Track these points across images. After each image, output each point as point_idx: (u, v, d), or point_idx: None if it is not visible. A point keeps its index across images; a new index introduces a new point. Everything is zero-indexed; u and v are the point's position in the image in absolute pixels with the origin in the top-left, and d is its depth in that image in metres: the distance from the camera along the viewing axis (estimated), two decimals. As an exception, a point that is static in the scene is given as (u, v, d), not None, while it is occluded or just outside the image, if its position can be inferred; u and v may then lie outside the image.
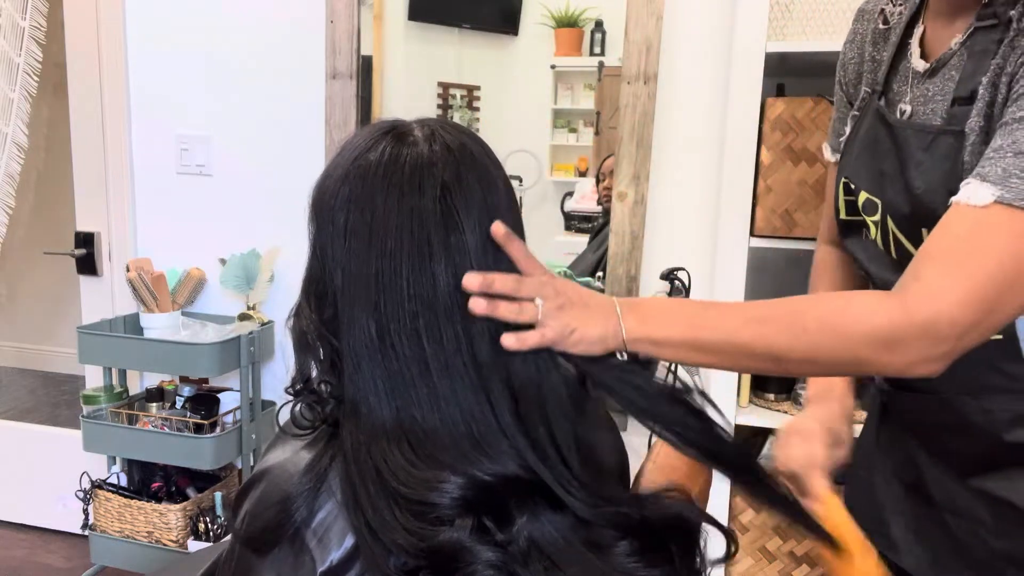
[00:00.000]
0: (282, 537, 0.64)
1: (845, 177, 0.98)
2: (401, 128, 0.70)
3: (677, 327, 0.74)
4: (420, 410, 0.64)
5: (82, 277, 2.36)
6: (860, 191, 0.95)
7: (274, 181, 2.16)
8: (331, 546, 0.63)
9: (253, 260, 2.14)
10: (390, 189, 0.66)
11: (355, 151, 0.69)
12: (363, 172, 0.67)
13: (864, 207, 0.95)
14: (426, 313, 0.65)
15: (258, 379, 2.11)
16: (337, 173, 0.69)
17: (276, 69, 2.12)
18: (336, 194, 0.68)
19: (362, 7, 2.03)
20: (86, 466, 2.23)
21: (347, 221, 0.67)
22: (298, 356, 0.71)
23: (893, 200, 0.90)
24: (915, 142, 0.87)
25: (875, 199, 0.93)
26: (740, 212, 1.60)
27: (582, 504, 0.65)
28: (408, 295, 0.65)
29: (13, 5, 2.16)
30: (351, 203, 0.67)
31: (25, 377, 3.91)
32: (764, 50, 1.53)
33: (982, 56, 0.81)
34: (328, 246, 0.68)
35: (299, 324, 0.70)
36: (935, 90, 0.87)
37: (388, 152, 0.67)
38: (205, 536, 2.04)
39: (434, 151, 0.67)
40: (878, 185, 0.92)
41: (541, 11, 2.04)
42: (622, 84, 1.83)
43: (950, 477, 0.93)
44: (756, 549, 1.66)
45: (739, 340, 0.74)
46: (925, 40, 0.92)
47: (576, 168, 2.15)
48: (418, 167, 0.66)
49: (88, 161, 2.30)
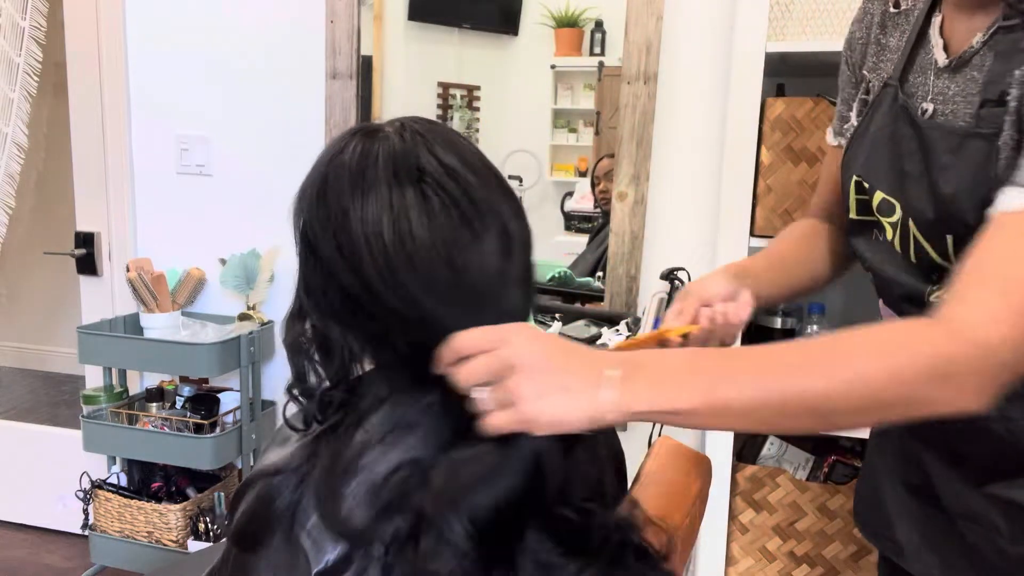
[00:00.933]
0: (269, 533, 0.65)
1: (857, 175, 0.93)
2: (370, 127, 0.71)
3: (694, 392, 0.61)
4: None
5: (82, 277, 2.36)
6: (875, 191, 0.90)
7: (274, 181, 2.16)
8: (326, 547, 0.63)
9: (253, 260, 2.14)
10: (367, 182, 0.66)
11: (325, 158, 0.70)
12: (337, 170, 0.68)
13: (880, 208, 0.90)
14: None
15: (258, 379, 2.11)
16: (315, 179, 0.69)
17: (276, 69, 2.12)
18: (319, 199, 0.68)
19: (362, 7, 2.03)
20: (86, 466, 2.23)
21: (332, 221, 0.67)
22: (294, 359, 0.71)
23: (916, 203, 0.84)
24: (942, 144, 0.82)
25: (893, 200, 0.88)
26: (740, 212, 1.60)
27: None
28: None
29: (13, 5, 2.16)
30: (330, 204, 0.67)
31: (25, 377, 3.91)
32: (764, 50, 1.53)
33: (1008, 57, 0.77)
34: (321, 252, 0.68)
35: (297, 330, 0.71)
36: (956, 89, 0.83)
37: (360, 148, 0.68)
38: (205, 536, 2.04)
39: (404, 139, 0.68)
40: (898, 186, 0.87)
41: (541, 11, 2.04)
42: (622, 84, 1.83)
43: (962, 482, 0.90)
44: (756, 549, 1.66)
45: (773, 394, 0.62)
46: (944, 31, 0.87)
47: (576, 168, 2.15)
48: (391, 156, 0.67)
49: (88, 161, 2.30)
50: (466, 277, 0.65)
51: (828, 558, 1.62)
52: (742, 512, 1.66)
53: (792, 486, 1.63)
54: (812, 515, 1.62)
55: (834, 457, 1.67)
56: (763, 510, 1.65)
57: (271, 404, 2.21)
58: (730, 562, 1.68)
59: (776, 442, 1.72)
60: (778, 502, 1.63)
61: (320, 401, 0.70)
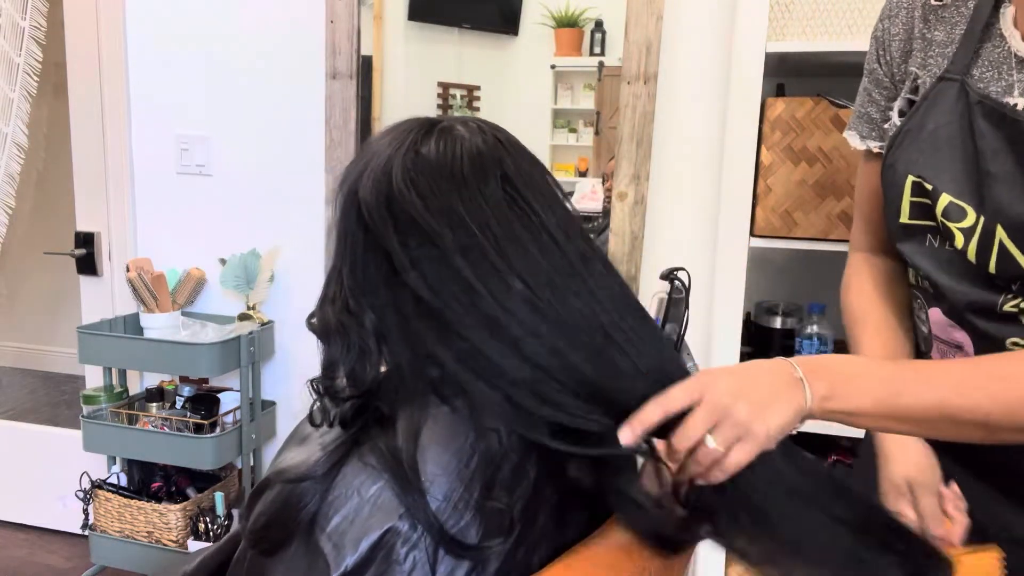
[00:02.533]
0: (288, 537, 0.64)
1: (917, 176, 0.86)
2: (444, 123, 0.70)
3: (873, 394, 0.67)
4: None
5: (82, 277, 2.36)
6: (940, 194, 0.83)
7: (274, 181, 2.16)
8: (346, 552, 0.62)
9: (253, 260, 2.14)
10: (455, 181, 0.66)
11: (400, 145, 0.68)
12: (424, 167, 0.66)
13: (947, 212, 0.83)
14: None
15: (258, 379, 2.11)
16: (394, 170, 0.67)
17: (276, 69, 2.12)
18: (407, 189, 0.66)
19: (362, 7, 2.03)
20: (86, 466, 2.23)
21: (429, 211, 0.65)
22: (328, 350, 0.69)
23: (1008, 205, 0.79)
24: None
25: (963, 204, 0.82)
26: (740, 212, 1.60)
27: None
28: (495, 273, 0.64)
29: (13, 5, 2.16)
30: (425, 197, 0.65)
31: (25, 377, 3.91)
32: (764, 50, 1.53)
33: None
34: (408, 242, 0.66)
35: (329, 314, 0.69)
36: None
37: (444, 145, 0.68)
38: (205, 536, 2.04)
39: (487, 142, 0.69)
40: (974, 187, 0.81)
41: (541, 11, 2.04)
42: (622, 84, 1.83)
43: (1017, 513, 0.87)
44: (756, 549, 1.66)
45: (947, 407, 0.68)
46: (1019, 23, 0.82)
47: (576, 168, 2.15)
48: (476, 156, 0.67)
49: (88, 161, 2.30)
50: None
51: (828, 558, 1.61)
52: (742, 512, 1.66)
53: (792, 486, 1.62)
54: (812, 515, 1.62)
55: (834, 457, 1.67)
56: None
57: (271, 404, 2.21)
58: (730, 562, 1.68)
59: (776, 442, 1.72)
60: (778, 502, 1.63)
61: (345, 405, 0.68)
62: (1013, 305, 0.81)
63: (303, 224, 2.13)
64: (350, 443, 0.67)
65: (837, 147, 1.53)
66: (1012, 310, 0.81)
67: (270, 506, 0.65)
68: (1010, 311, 0.81)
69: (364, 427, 0.68)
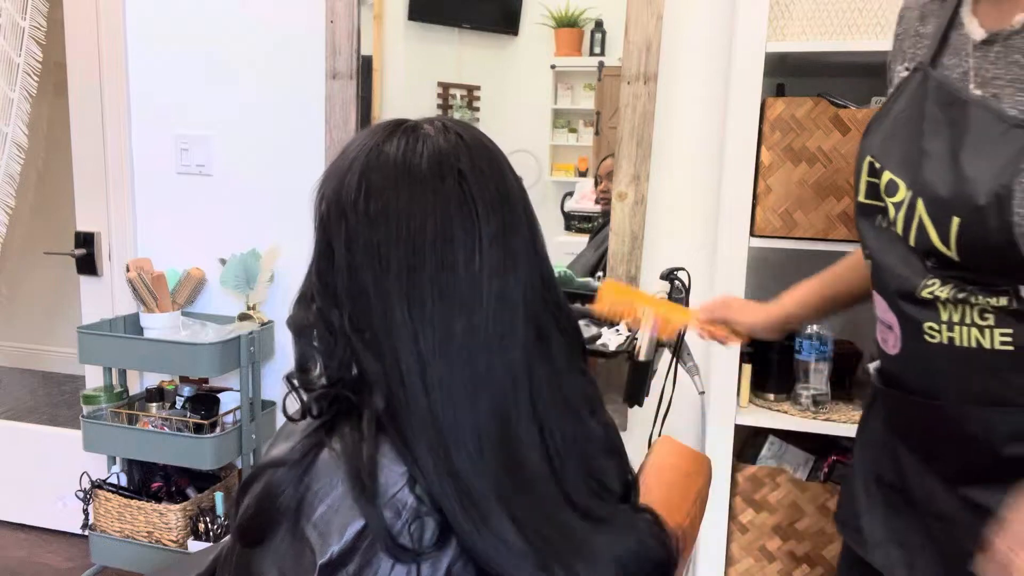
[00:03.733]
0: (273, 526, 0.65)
1: (871, 156, 0.93)
2: (411, 123, 0.72)
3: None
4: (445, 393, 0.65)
5: (82, 277, 2.36)
6: (884, 170, 0.90)
7: (274, 181, 2.16)
8: (331, 539, 0.63)
9: (253, 260, 2.14)
10: (412, 178, 0.67)
11: (365, 148, 0.69)
12: (382, 165, 0.68)
13: (887, 188, 0.90)
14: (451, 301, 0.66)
15: (258, 379, 2.11)
16: (354, 167, 0.69)
17: (276, 69, 2.12)
18: (358, 187, 0.68)
19: (362, 7, 2.03)
20: (86, 466, 2.23)
21: (369, 212, 0.67)
22: (299, 346, 0.71)
23: (932, 180, 0.84)
24: (985, 126, 0.81)
25: (898, 179, 0.88)
26: (740, 212, 1.60)
27: None
28: (432, 280, 0.65)
29: (13, 5, 2.16)
30: (372, 196, 0.67)
31: (25, 377, 3.91)
32: (764, 50, 1.53)
33: None
34: (351, 240, 0.68)
35: (303, 315, 0.71)
36: (996, 72, 0.83)
37: (407, 143, 0.68)
38: (205, 536, 2.04)
39: (449, 141, 0.69)
40: (911, 164, 0.87)
41: (541, 11, 2.04)
42: (622, 84, 1.83)
43: (937, 483, 0.92)
44: (756, 549, 1.66)
45: None
46: (979, 11, 0.87)
47: (576, 168, 2.15)
48: (436, 155, 0.68)
49: (88, 161, 2.30)
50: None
51: (828, 558, 1.62)
52: (742, 512, 1.66)
53: (792, 486, 1.63)
54: (812, 515, 1.62)
55: (834, 457, 1.67)
56: (763, 510, 1.65)
57: (271, 404, 2.21)
58: (730, 562, 1.68)
59: (776, 442, 1.72)
60: (778, 502, 1.63)
61: (318, 396, 0.70)
62: (929, 292, 0.87)
63: (303, 224, 2.11)
64: (324, 429, 0.68)
65: (837, 147, 1.53)
66: (928, 296, 0.87)
67: (254, 498, 0.67)
68: (927, 297, 0.87)
69: (337, 415, 0.69)
